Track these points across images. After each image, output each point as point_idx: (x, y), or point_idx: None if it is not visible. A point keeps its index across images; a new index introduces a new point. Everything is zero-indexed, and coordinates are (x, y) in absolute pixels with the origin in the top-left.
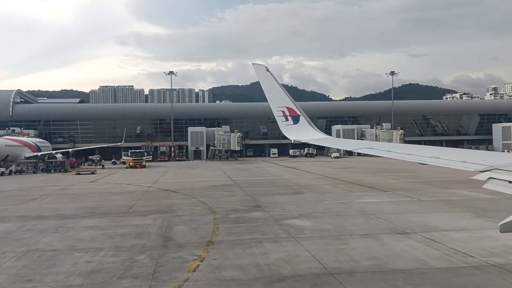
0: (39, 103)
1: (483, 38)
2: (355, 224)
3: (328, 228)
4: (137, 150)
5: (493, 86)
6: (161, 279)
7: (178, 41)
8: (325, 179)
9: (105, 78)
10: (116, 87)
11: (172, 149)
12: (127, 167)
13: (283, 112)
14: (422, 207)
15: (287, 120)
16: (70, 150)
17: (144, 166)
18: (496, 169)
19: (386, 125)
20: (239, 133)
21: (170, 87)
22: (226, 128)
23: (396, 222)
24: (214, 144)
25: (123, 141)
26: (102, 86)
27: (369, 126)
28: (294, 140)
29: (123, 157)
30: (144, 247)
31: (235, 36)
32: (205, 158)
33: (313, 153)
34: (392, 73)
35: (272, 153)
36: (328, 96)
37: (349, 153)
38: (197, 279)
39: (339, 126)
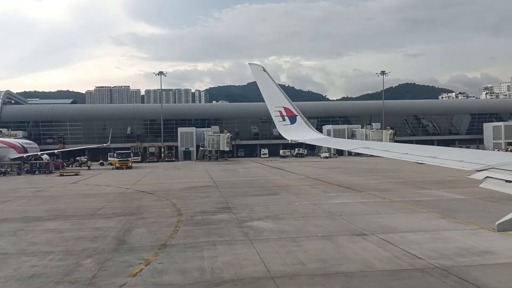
0: (29, 104)
1: (479, 38)
2: (317, 225)
3: (288, 230)
4: (123, 151)
5: (489, 85)
6: (98, 284)
7: (175, 41)
8: (306, 180)
9: (101, 79)
10: (112, 87)
11: (162, 149)
12: (113, 168)
13: (280, 112)
14: (391, 208)
15: (284, 120)
16: (55, 151)
17: (130, 167)
18: (493, 168)
19: (376, 125)
20: (228, 134)
21: (163, 88)
22: (216, 128)
23: (358, 223)
24: (203, 144)
25: (109, 142)
26: (98, 87)
27: (360, 126)
28: (291, 140)
29: (109, 158)
30: (95, 250)
31: (232, 36)
32: (195, 158)
33: (303, 154)
34: (383, 72)
35: (262, 154)
36: (325, 96)
37: (340, 153)
38: (135, 284)
39: (329, 126)
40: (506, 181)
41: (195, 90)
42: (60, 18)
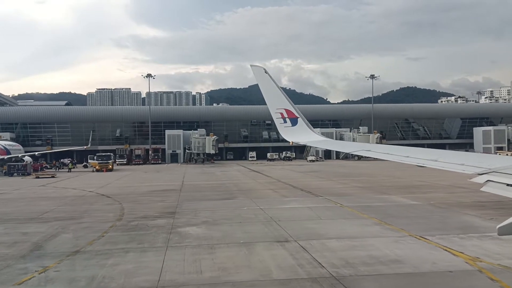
0: (18, 105)
1: (481, 42)
2: (247, 232)
3: (214, 236)
4: (103, 154)
5: (489, 89)
6: None
7: (177, 44)
8: (275, 184)
9: (103, 81)
10: (113, 89)
11: (149, 152)
12: (93, 171)
13: (281, 114)
14: (335, 214)
15: (285, 122)
16: (36, 153)
17: (111, 170)
18: (494, 171)
19: (363, 129)
20: (214, 136)
21: (164, 90)
22: (202, 131)
23: (290, 230)
24: (189, 147)
25: (89, 144)
26: (99, 89)
27: (348, 129)
28: (292, 142)
29: (89, 161)
30: (2, 257)
31: (234, 39)
32: (182, 161)
33: (290, 157)
34: (372, 76)
35: (250, 157)
36: (326, 99)
37: (328, 157)
38: None
39: (317, 130)
40: (507, 184)
41: (196, 92)
42: (62, 20)
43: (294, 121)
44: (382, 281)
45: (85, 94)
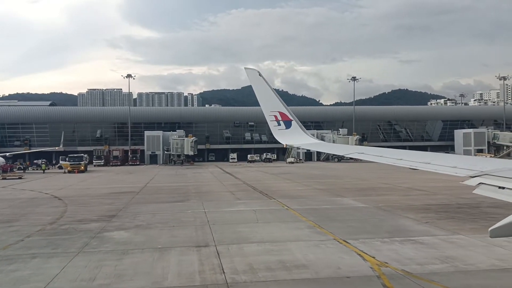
0: None
1: (473, 45)
2: (174, 236)
3: (136, 241)
4: (75, 155)
5: (479, 92)
6: None
7: (170, 44)
8: (238, 186)
9: (96, 81)
10: (104, 90)
11: (129, 153)
12: (64, 172)
13: (275, 116)
14: (276, 216)
15: (279, 124)
16: (7, 154)
17: (83, 171)
18: (486, 174)
19: (343, 131)
20: (193, 138)
21: (156, 91)
22: (181, 132)
23: (218, 234)
24: (168, 148)
25: (61, 145)
26: (90, 89)
27: (330, 131)
28: (286, 144)
29: (61, 162)
30: None
31: (227, 40)
32: (161, 162)
33: (271, 158)
34: (354, 78)
35: (231, 158)
36: (319, 101)
37: (308, 158)
38: None
39: None
40: (499, 187)
41: (188, 93)
42: (55, 21)
43: (288, 124)
44: (272, 287)
45: (76, 95)
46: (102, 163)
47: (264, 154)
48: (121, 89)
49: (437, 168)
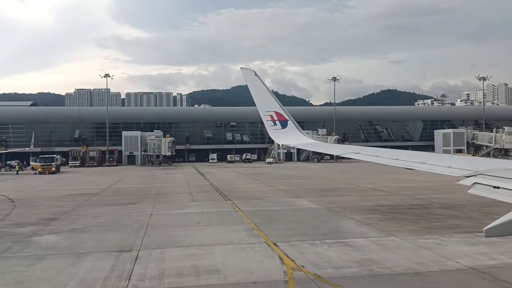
0: None
1: (461, 46)
2: (103, 240)
3: (61, 246)
4: (46, 156)
5: (466, 92)
6: None
7: (159, 44)
8: (202, 187)
9: (84, 81)
10: (92, 90)
11: (106, 153)
12: (35, 173)
13: (271, 116)
14: (220, 219)
15: (275, 124)
16: None
17: (54, 172)
18: (481, 174)
19: (322, 131)
20: (170, 138)
21: (145, 91)
22: (158, 132)
23: (150, 237)
24: (145, 149)
25: (32, 146)
26: (77, 89)
27: (310, 131)
28: (282, 144)
29: (31, 163)
30: None
31: (217, 40)
32: (139, 163)
33: (250, 159)
34: (334, 79)
35: (211, 159)
36: (309, 101)
37: (289, 159)
38: None
39: None
40: (494, 187)
41: (177, 93)
42: (43, 20)
43: (284, 124)
44: None
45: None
46: (78, 164)
47: (244, 154)
48: (109, 89)
49: (433, 168)
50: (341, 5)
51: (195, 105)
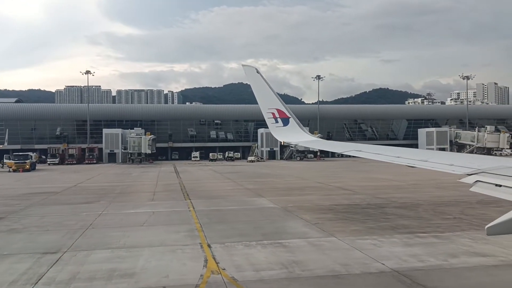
0: None
1: (453, 45)
2: (34, 241)
3: None
4: (20, 153)
5: (456, 91)
6: None
7: (151, 42)
8: (169, 186)
9: (75, 78)
10: (83, 87)
11: (86, 151)
12: (9, 171)
13: (273, 114)
14: (168, 219)
15: (276, 122)
16: None
17: (28, 170)
18: (483, 172)
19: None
20: (151, 136)
21: (136, 88)
22: (138, 130)
23: (85, 238)
24: (125, 147)
25: (6, 143)
26: (68, 86)
27: None
28: (283, 142)
29: (5, 160)
30: None
31: (210, 38)
32: (120, 161)
33: (232, 157)
34: (318, 77)
35: (193, 157)
36: (301, 99)
37: (272, 157)
38: None
39: (262, 130)
40: (496, 185)
41: (168, 91)
42: (34, 17)
43: (285, 121)
44: None
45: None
46: (57, 162)
47: (227, 152)
48: (99, 86)
49: (434, 165)
50: (334, 4)
51: (187, 103)
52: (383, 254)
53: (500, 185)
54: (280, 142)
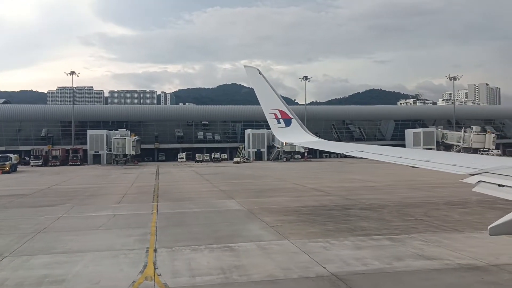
0: None
1: (446, 46)
2: None
3: None
4: (0, 155)
5: (448, 92)
6: None
7: (145, 42)
8: (142, 188)
9: (68, 79)
10: (75, 88)
11: (70, 152)
12: None
13: (275, 114)
14: (126, 223)
15: (279, 122)
16: None
17: (8, 172)
18: (485, 172)
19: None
20: (135, 137)
21: (128, 89)
22: (123, 131)
23: (33, 242)
24: (110, 148)
25: None
26: (60, 87)
27: None
28: (286, 142)
29: None
30: None
31: (203, 39)
32: (105, 162)
33: (219, 158)
34: (305, 78)
35: (179, 158)
36: (295, 100)
37: (259, 158)
38: None
39: (249, 131)
40: (499, 185)
41: (161, 92)
42: (26, 18)
43: (287, 122)
44: None
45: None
46: (40, 163)
47: (213, 153)
48: (92, 87)
49: (437, 166)
50: (327, 5)
51: (180, 104)
52: (329, 258)
53: (503, 185)
54: (271, 144)
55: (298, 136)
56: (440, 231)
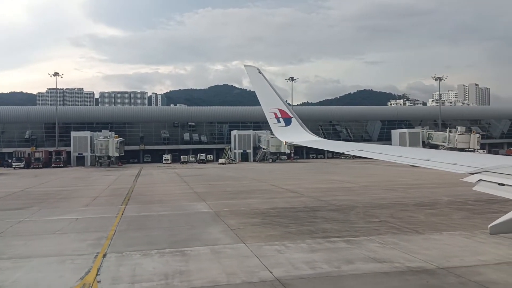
0: None
1: (436, 47)
2: None
3: None
4: None
5: (437, 92)
6: None
7: (136, 43)
8: (116, 190)
9: (58, 80)
10: (65, 89)
11: (53, 154)
12: None
13: (275, 114)
14: (85, 226)
15: (279, 122)
16: None
17: None
18: (486, 171)
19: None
20: (118, 138)
21: (119, 91)
22: (106, 132)
23: None
24: (93, 150)
25: None
26: (49, 89)
27: (266, 131)
28: (285, 142)
29: None
30: None
31: (195, 39)
32: (89, 164)
33: (204, 159)
34: (292, 78)
35: (164, 159)
36: (286, 101)
37: (245, 159)
38: None
39: (235, 132)
40: (499, 184)
41: (152, 93)
42: (16, 19)
43: (287, 121)
44: None
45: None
46: (23, 166)
47: (198, 155)
48: (82, 88)
49: (437, 165)
50: (318, 6)
51: (171, 105)
52: (279, 261)
53: (503, 184)
54: (257, 144)
55: (298, 136)
56: (400, 233)
